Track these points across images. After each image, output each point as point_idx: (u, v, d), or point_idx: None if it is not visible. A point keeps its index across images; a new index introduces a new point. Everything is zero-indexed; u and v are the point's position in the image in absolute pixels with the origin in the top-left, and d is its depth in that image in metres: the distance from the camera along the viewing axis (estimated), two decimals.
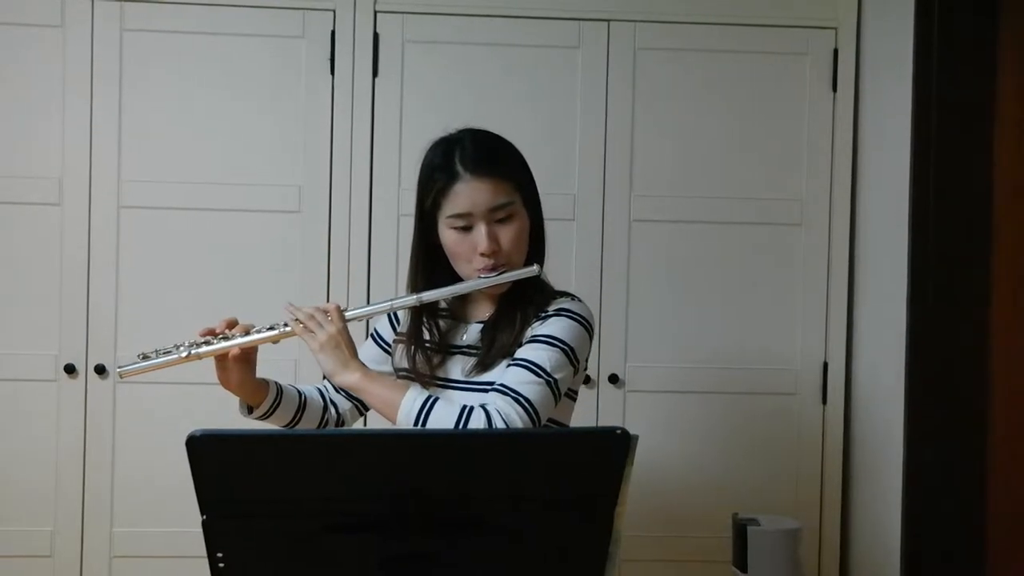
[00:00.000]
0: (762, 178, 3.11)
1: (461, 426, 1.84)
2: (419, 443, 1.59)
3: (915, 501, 2.94)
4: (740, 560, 2.82)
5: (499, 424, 1.84)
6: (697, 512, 3.09)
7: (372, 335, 2.24)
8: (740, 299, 3.11)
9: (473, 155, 1.98)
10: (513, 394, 1.89)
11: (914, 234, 2.96)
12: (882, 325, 3.07)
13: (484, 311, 2.09)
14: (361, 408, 2.23)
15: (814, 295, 3.11)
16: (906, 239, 2.99)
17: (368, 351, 2.22)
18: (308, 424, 2.18)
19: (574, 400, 2.10)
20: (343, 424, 2.24)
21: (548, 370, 1.93)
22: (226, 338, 1.99)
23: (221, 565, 1.55)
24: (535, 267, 2.01)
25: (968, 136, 2.90)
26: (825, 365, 3.11)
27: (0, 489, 2.96)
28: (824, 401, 3.12)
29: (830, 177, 3.11)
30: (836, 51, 3.09)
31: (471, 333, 2.09)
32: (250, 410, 2.12)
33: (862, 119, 3.12)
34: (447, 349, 2.09)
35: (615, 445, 1.55)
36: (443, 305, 2.13)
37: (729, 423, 3.11)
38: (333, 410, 2.22)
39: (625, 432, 1.55)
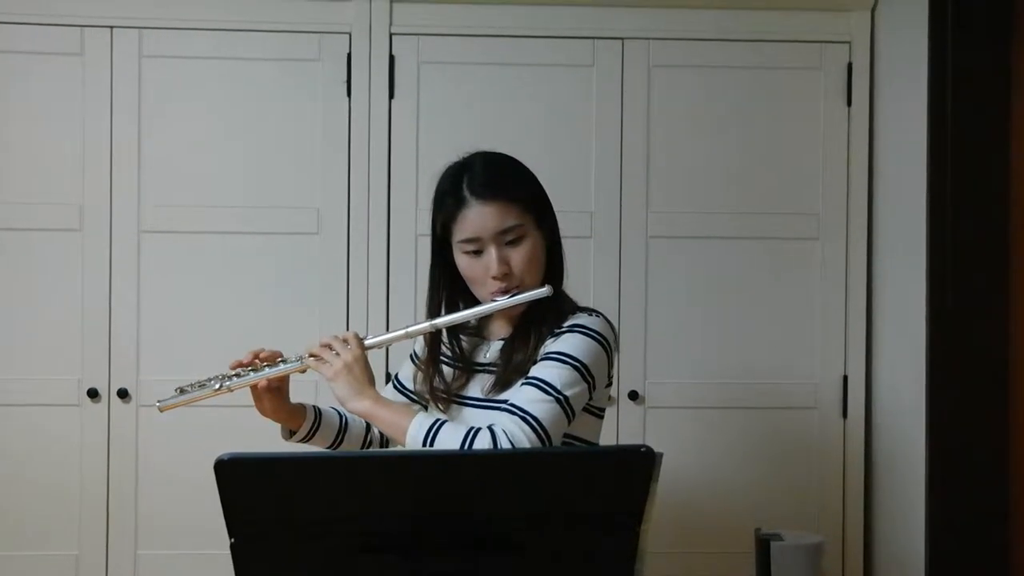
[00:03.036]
0: (778, 193, 3.11)
1: (467, 447, 1.85)
2: (446, 463, 1.60)
3: (938, 514, 2.93)
4: (764, 575, 2.82)
5: (504, 444, 1.84)
6: (719, 528, 3.08)
7: (411, 356, 2.26)
8: (758, 314, 3.11)
9: (481, 180, 2.00)
10: (521, 413, 1.90)
11: (932, 246, 2.96)
12: (901, 337, 3.07)
13: (505, 329, 2.11)
14: None
15: (833, 309, 3.11)
16: (924, 251, 2.99)
17: (406, 372, 2.26)
18: (350, 445, 2.21)
19: (600, 418, 2.10)
20: (386, 444, 2.26)
21: (558, 387, 1.93)
22: (255, 369, 2.04)
23: None
24: (547, 288, 2.02)
25: (984, 148, 2.90)
26: (845, 379, 3.11)
27: (25, 513, 2.98)
28: (844, 415, 3.11)
29: (846, 190, 3.11)
30: (850, 65, 3.10)
31: (493, 351, 2.10)
32: (291, 434, 2.15)
33: (877, 132, 3.12)
34: (471, 367, 2.10)
35: (640, 463, 1.56)
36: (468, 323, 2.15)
37: (749, 438, 3.11)
38: (376, 430, 2.24)
39: (650, 450, 1.56)
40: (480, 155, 2.07)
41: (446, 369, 2.12)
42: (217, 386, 2.02)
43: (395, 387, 2.26)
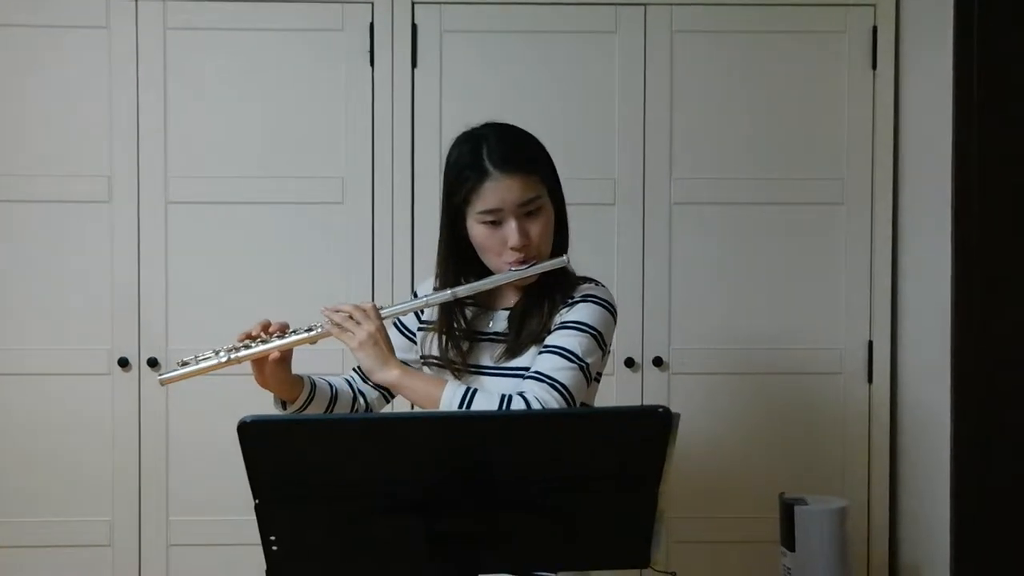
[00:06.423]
0: (803, 158, 3.10)
1: None
2: (466, 424, 1.62)
3: (963, 477, 2.93)
4: (788, 540, 2.83)
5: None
6: (744, 493, 3.09)
7: (396, 324, 2.26)
8: (783, 279, 3.11)
9: (501, 152, 2.01)
10: (549, 380, 1.94)
11: (958, 211, 2.94)
12: (926, 302, 3.06)
13: (510, 299, 2.13)
14: (388, 396, 2.26)
15: (858, 274, 3.10)
16: (949, 216, 2.98)
17: (393, 340, 2.24)
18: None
19: (598, 382, 2.13)
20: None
21: (580, 355, 1.98)
22: (264, 341, 2.03)
23: (274, 548, 1.59)
24: (564, 257, 2.05)
25: (1010, 111, 2.88)
26: (870, 344, 3.10)
27: (59, 480, 3.04)
28: (870, 380, 3.11)
29: (871, 155, 3.09)
30: (875, 28, 3.07)
31: (498, 321, 2.13)
32: (284, 405, 2.16)
33: (903, 96, 3.09)
34: (474, 336, 2.13)
35: (657, 423, 1.57)
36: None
37: (774, 403, 3.11)
38: (362, 400, 2.26)
39: (667, 410, 1.57)
40: (493, 127, 2.08)
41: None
42: (224, 358, 2.01)
43: None
